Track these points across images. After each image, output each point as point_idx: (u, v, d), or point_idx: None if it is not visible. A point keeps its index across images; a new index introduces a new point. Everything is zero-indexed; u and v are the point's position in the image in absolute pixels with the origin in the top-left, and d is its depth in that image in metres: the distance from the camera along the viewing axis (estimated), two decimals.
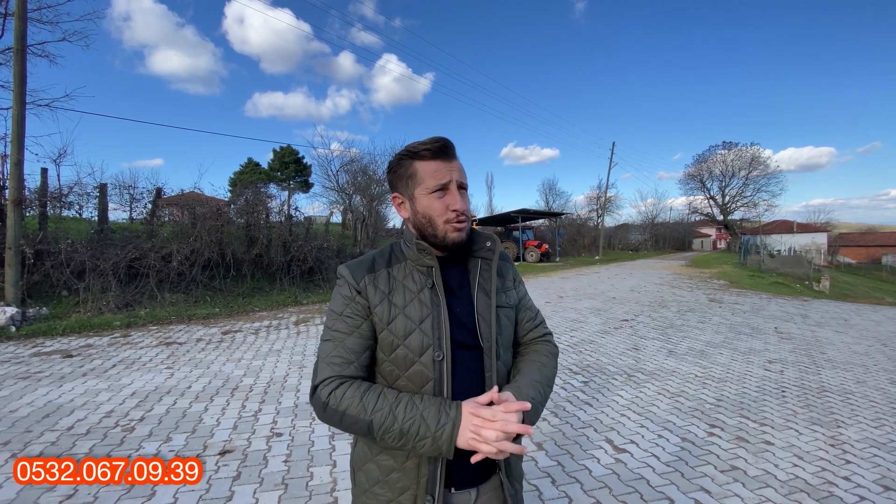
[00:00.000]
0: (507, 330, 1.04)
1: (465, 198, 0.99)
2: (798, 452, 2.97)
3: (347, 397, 0.88)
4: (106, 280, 7.44)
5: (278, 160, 33.69)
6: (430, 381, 0.92)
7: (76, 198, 8.70)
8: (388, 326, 0.95)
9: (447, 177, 0.95)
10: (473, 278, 1.02)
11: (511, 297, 1.07)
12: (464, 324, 0.97)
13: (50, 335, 5.94)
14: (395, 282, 0.99)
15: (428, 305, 0.96)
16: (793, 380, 4.54)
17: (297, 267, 10.30)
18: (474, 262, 1.04)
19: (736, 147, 46.50)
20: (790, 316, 8.48)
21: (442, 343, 0.93)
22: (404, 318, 0.95)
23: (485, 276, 1.02)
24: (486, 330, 0.97)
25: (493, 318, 0.98)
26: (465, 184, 1.00)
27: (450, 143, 0.97)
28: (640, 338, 6.33)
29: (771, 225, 43.79)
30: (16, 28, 6.73)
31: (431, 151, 0.95)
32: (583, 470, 2.73)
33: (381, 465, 0.96)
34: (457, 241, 0.98)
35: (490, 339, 0.96)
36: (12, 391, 3.83)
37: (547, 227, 30.96)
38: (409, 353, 0.94)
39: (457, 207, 0.95)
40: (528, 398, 0.90)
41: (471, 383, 0.95)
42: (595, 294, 11.10)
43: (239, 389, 4.01)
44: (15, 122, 6.71)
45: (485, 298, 1.00)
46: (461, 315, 0.98)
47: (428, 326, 0.94)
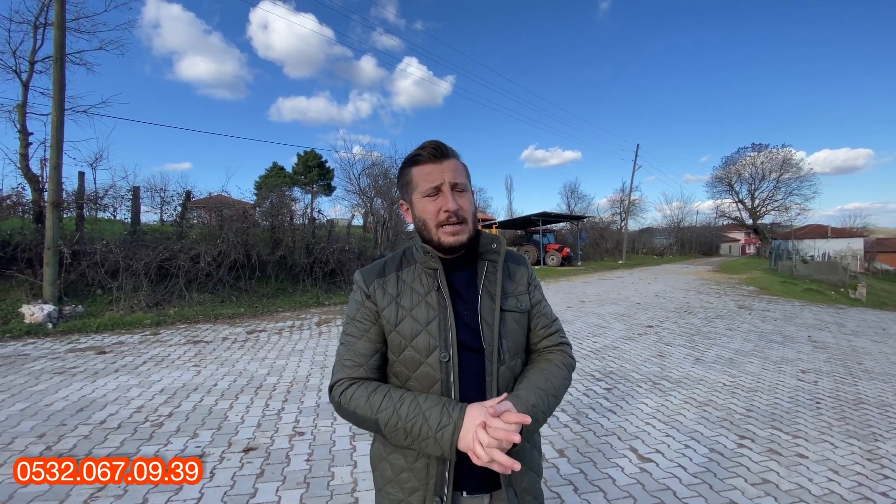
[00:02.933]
0: (516, 335, 1.01)
1: (464, 197, 0.97)
2: (833, 466, 2.84)
3: (356, 398, 0.93)
4: (138, 279, 7.71)
5: (302, 164, 34.30)
6: (437, 381, 0.94)
7: (111, 200, 9.08)
8: (396, 328, 0.97)
9: (438, 179, 0.95)
10: (479, 281, 1.01)
11: (522, 302, 1.04)
12: (469, 326, 0.97)
13: (85, 332, 6.19)
14: (404, 285, 1.01)
15: (435, 308, 0.96)
16: (828, 391, 4.35)
17: (320, 269, 10.45)
18: (481, 264, 1.03)
19: (766, 149, 44.90)
20: (825, 324, 8.14)
21: (448, 345, 0.93)
22: (412, 321, 0.97)
23: (490, 278, 1.01)
24: (489, 333, 0.96)
25: (497, 321, 0.96)
26: (461, 183, 0.97)
27: (440, 145, 0.97)
28: (665, 344, 6.18)
29: (803, 229, 42.09)
30: (55, 38, 7.05)
31: (423, 155, 0.96)
32: (606, 479, 2.67)
33: (393, 464, 0.99)
34: (452, 245, 0.96)
35: (492, 343, 0.95)
36: (48, 385, 3.99)
37: (568, 231, 30.57)
38: (417, 354, 0.95)
39: (448, 208, 0.94)
40: (528, 406, 0.87)
41: (475, 387, 0.94)
42: (618, 299, 10.90)
43: (263, 388, 4.09)
44: (54, 128, 7.03)
45: (489, 301, 0.99)
46: (467, 318, 0.97)
47: (434, 328, 0.95)
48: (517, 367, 1.01)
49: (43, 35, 8.13)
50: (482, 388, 0.94)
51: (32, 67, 8.11)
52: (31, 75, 8.12)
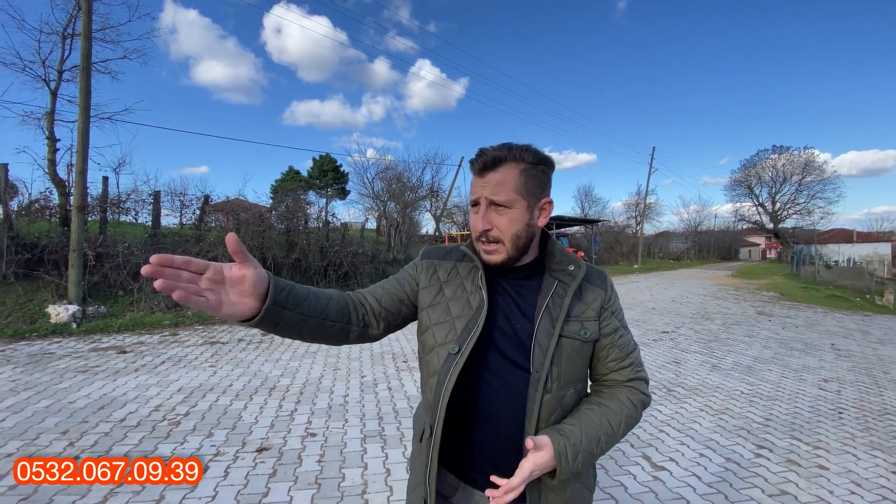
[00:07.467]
0: (572, 364, 0.92)
1: (504, 215, 0.91)
2: (856, 479, 2.75)
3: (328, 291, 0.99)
4: None
5: (317, 168, 34.76)
6: (435, 373, 0.94)
7: (133, 204, 9.39)
8: (428, 309, 0.99)
9: (477, 193, 0.93)
10: (543, 299, 0.94)
11: (587, 329, 0.94)
12: (523, 344, 0.92)
13: (107, 332, 6.36)
14: (456, 275, 1.01)
15: (472, 308, 0.94)
16: (851, 400, 4.22)
17: (334, 271, 10.57)
18: (549, 281, 0.97)
19: (787, 151, 43.87)
20: (849, 332, 7.90)
21: (464, 342, 0.91)
22: (444, 309, 0.97)
23: (556, 300, 0.93)
24: (540, 357, 0.89)
25: (552, 346, 0.89)
26: (503, 200, 0.90)
27: (483, 156, 0.91)
28: (681, 351, 6.07)
29: (827, 234, 40.93)
30: (82, 47, 7.30)
31: (473, 166, 0.94)
32: (618, 486, 2.63)
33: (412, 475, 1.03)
34: (487, 262, 0.95)
35: (541, 370, 0.89)
36: (72, 383, 4.12)
37: (583, 235, 30.30)
38: (434, 339, 0.96)
39: (477, 227, 0.93)
40: (567, 445, 0.83)
41: (514, 405, 0.90)
42: (633, 304, 10.75)
43: (276, 389, 4.15)
44: (80, 134, 7.27)
45: (548, 324, 0.91)
46: (521, 333, 0.93)
47: (461, 324, 0.94)
48: (567, 398, 0.92)
49: (71, 45, 8.44)
50: (522, 408, 0.89)
51: (60, 76, 8.41)
52: (60, 84, 8.43)
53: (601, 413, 0.91)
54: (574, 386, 0.94)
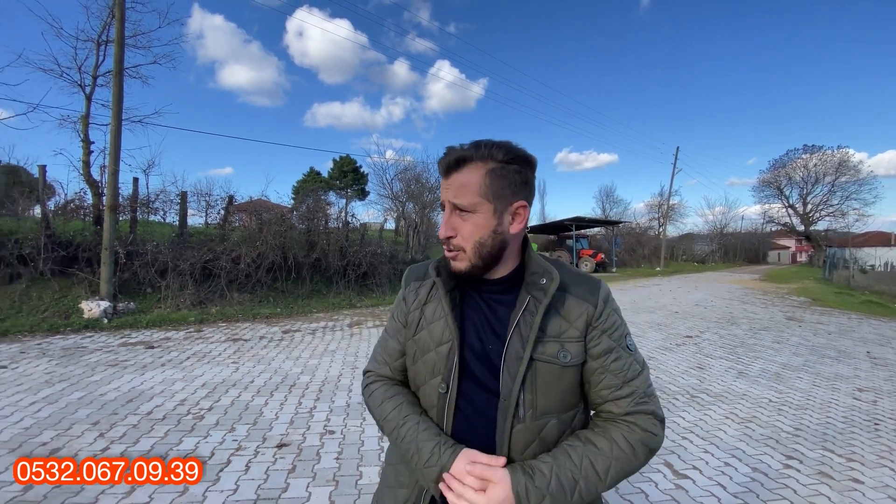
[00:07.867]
0: (551, 392, 0.81)
1: (467, 221, 0.82)
2: (893, 494, 2.62)
3: (374, 397, 0.96)
4: (184, 279, 8.15)
5: (338, 169, 35.23)
6: (433, 407, 0.88)
7: (161, 204, 9.69)
8: (414, 337, 0.92)
9: (443, 196, 0.85)
10: (514, 316, 0.83)
11: (567, 352, 0.81)
12: (493, 365, 0.83)
13: (136, 327, 6.59)
14: (436, 293, 0.91)
15: (451, 329, 0.85)
16: (888, 411, 4.02)
17: (353, 271, 10.69)
18: (523, 295, 0.85)
19: (820, 150, 42.21)
20: (886, 339, 7.54)
21: (450, 376, 0.84)
22: (428, 334, 0.90)
23: (527, 318, 0.82)
24: (507, 382, 0.80)
25: (521, 371, 0.79)
26: (462, 204, 0.81)
27: (447, 156, 0.83)
28: (705, 356, 5.91)
29: (863, 237, 39.25)
30: (115, 53, 7.60)
31: (438, 166, 0.87)
32: (638, 493, 2.58)
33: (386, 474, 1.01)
34: (455, 271, 0.86)
35: (509, 396, 0.79)
36: (103, 377, 4.27)
37: (603, 236, 29.84)
38: (424, 370, 0.89)
39: (440, 233, 0.86)
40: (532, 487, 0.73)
41: (485, 434, 0.82)
42: (655, 307, 10.52)
43: (296, 386, 4.21)
44: (113, 137, 7.57)
45: (517, 346, 0.81)
46: (492, 354, 0.83)
47: (444, 351, 0.86)
48: (548, 430, 0.81)
49: (105, 51, 8.76)
50: (488, 437, 0.81)
51: (95, 81, 8.75)
52: (94, 89, 8.76)
53: (584, 452, 0.78)
54: (557, 416, 0.82)
